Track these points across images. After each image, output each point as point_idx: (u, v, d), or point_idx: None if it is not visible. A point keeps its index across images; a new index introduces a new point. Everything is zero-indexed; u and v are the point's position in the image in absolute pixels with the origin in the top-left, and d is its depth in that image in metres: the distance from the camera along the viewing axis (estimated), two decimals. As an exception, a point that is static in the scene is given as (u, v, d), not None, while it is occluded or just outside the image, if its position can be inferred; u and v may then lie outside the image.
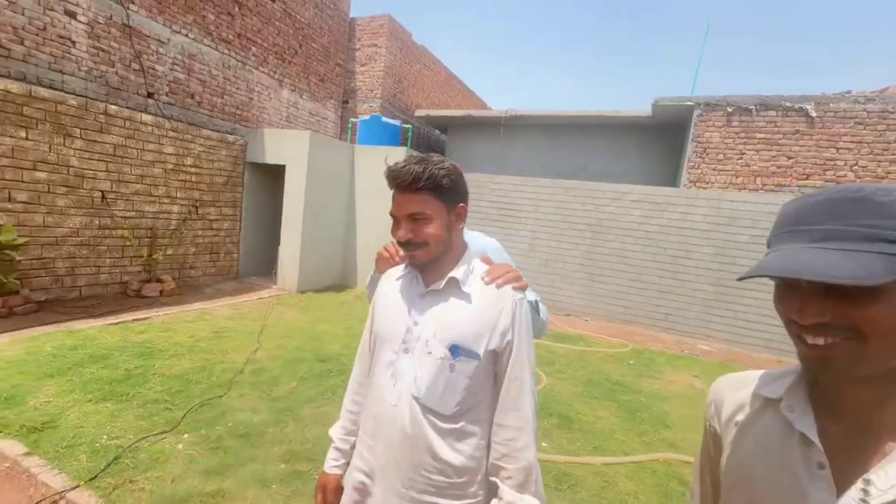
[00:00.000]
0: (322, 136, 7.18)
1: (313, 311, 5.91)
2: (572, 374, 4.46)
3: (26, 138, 4.62)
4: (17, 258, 4.57)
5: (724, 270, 6.38)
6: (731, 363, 5.54)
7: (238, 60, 7.51)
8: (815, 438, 0.56)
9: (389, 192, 1.03)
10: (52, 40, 5.05)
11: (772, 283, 0.59)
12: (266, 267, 7.60)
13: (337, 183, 7.53)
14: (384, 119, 8.68)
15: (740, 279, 0.58)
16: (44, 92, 4.73)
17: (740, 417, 0.68)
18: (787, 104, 6.92)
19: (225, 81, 7.31)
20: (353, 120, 9.31)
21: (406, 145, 8.90)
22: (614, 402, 3.84)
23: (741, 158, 7.26)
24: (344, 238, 7.86)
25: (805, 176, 6.94)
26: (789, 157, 7.00)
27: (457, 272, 1.01)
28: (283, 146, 6.95)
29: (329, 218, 7.46)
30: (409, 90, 11.33)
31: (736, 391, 0.71)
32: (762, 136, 7.11)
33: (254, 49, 7.80)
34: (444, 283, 1.01)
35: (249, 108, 7.86)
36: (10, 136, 4.49)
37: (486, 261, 1.13)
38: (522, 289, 1.03)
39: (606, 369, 4.72)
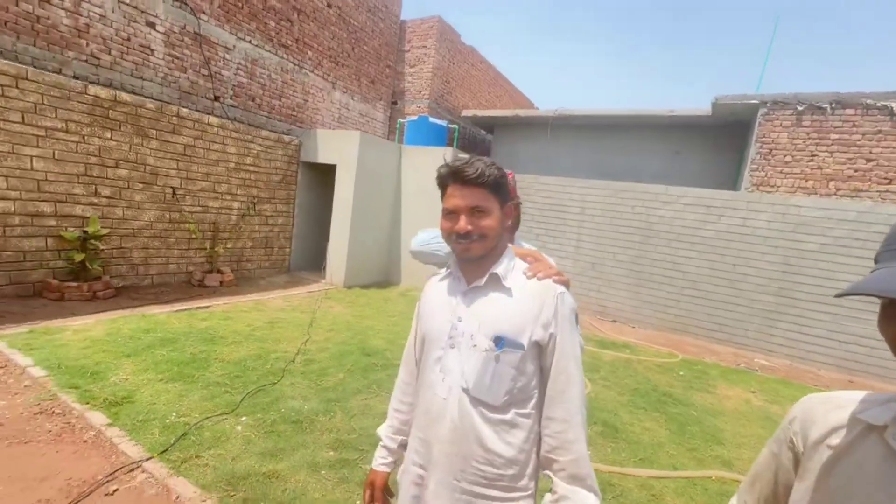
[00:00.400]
0: (371, 137, 7.39)
1: (359, 307, 6.10)
2: (618, 381, 4.33)
3: (111, 139, 5.09)
4: (101, 247, 5.06)
5: (789, 280, 5.94)
6: (793, 381, 5.16)
7: (295, 64, 7.88)
8: None
9: (434, 191, 1.07)
10: (134, 49, 5.53)
11: (851, 297, 0.56)
12: (315, 262, 7.93)
13: (384, 182, 7.72)
14: (431, 119, 8.79)
15: (840, 295, 0.56)
16: (126, 97, 5.19)
17: (835, 441, 0.65)
18: (868, 101, 6.34)
19: (283, 85, 7.69)
20: (402, 121, 9.50)
21: (452, 145, 8.97)
22: (663, 413, 3.70)
23: (812, 160, 6.73)
24: (389, 236, 8.04)
25: (887, 180, 6.33)
26: (869, 160, 6.41)
27: (498, 268, 1.04)
28: (335, 146, 7.22)
29: (376, 216, 7.66)
30: (456, 90, 11.40)
31: (829, 412, 0.68)
32: (837, 136, 6.56)
33: (310, 53, 8.15)
34: (485, 278, 1.04)
35: (304, 110, 8.23)
36: (98, 137, 4.97)
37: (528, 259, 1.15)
38: (564, 283, 1.04)
39: (654, 379, 4.54)
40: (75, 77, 4.97)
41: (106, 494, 2.03)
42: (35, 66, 4.63)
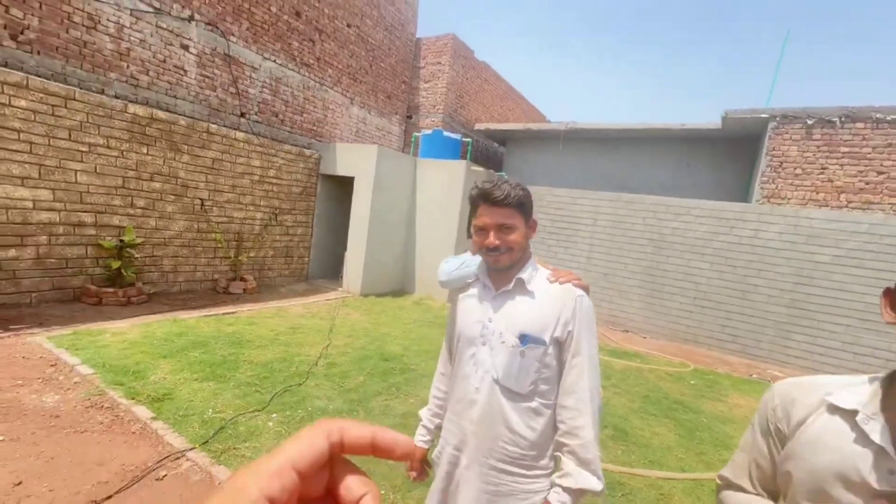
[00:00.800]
0: (388, 150, 7.65)
1: (375, 314, 6.30)
2: (629, 389, 4.44)
3: (147, 154, 5.43)
4: (135, 255, 5.36)
5: (801, 292, 5.99)
6: (806, 391, 5.18)
7: (316, 82, 8.24)
8: (891, 450, 0.62)
9: (449, 204, 1.27)
10: (169, 70, 5.90)
11: (865, 310, 0.66)
12: (333, 271, 8.17)
13: (400, 194, 7.96)
14: (445, 133, 9.05)
15: None
16: (161, 114, 5.53)
17: (811, 421, 0.72)
18: (878, 115, 6.41)
19: (304, 101, 8.04)
20: (417, 134, 9.79)
21: (466, 158, 9.19)
22: (673, 419, 3.80)
23: (822, 173, 6.80)
24: (404, 246, 8.26)
25: (900, 193, 6.36)
26: (880, 173, 6.45)
27: (523, 274, 1.21)
28: (353, 160, 7.50)
29: (391, 227, 7.89)
30: (469, 105, 11.69)
31: (805, 396, 0.75)
32: (847, 149, 6.63)
33: (330, 71, 8.51)
34: (512, 284, 1.21)
35: (324, 125, 8.56)
36: (136, 152, 5.31)
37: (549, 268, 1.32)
38: (583, 288, 1.20)
39: (665, 387, 4.63)
40: (116, 97, 5.33)
41: (156, 479, 2.23)
42: (81, 88, 4.99)
